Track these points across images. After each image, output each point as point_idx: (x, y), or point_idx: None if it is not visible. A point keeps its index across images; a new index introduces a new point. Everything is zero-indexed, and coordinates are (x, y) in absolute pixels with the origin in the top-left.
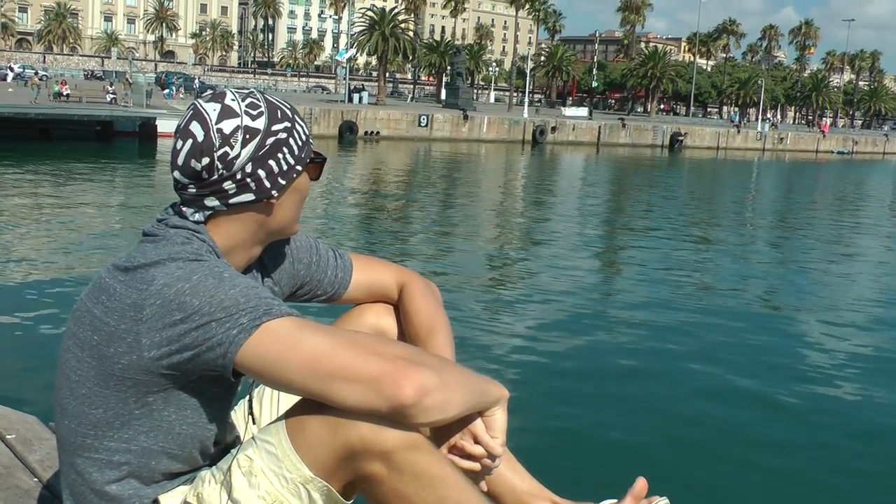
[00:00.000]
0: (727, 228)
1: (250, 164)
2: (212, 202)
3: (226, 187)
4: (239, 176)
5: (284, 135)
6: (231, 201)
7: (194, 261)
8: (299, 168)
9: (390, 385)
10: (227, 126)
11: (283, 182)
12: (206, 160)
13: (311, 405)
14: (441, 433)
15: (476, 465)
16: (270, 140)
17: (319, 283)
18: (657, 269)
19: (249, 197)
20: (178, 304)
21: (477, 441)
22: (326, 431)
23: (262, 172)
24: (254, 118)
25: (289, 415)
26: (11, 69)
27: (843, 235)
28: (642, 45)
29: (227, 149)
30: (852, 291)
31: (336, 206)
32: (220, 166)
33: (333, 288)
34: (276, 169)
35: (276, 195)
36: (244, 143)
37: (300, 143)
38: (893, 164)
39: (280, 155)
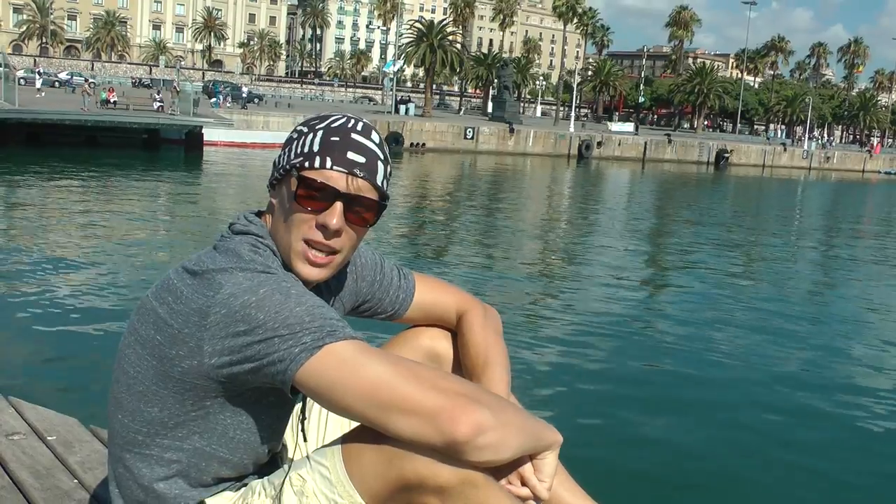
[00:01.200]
0: (771, 249)
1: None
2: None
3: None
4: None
5: (295, 135)
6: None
7: (263, 273)
8: (284, 168)
9: (447, 421)
10: None
11: (275, 175)
12: None
13: (367, 433)
14: (492, 472)
15: None
16: (287, 135)
17: (380, 301)
18: (701, 290)
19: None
20: (242, 316)
21: (524, 483)
22: (382, 462)
23: (275, 161)
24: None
25: (345, 440)
26: (40, 74)
27: (890, 258)
28: (690, 60)
29: None
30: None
31: (382, 219)
32: None
33: (394, 308)
34: (276, 162)
35: (270, 189)
36: None
37: (299, 150)
38: None
39: (283, 151)
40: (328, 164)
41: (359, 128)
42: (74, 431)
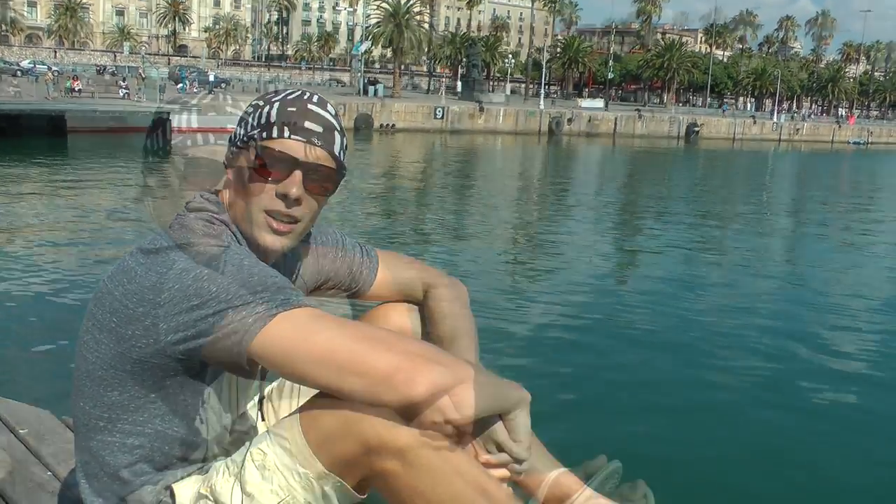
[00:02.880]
0: (742, 220)
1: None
2: None
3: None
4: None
5: (251, 109)
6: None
7: (215, 246)
8: (242, 141)
9: (402, 382)
10: None
11: (232, 150)
12: None
13: (325, 400)
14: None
15: (505, 473)
16: (244, 110)
17: (344, 278)
18: (672, 261)
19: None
20: (195, 290)
21: (500, 448)
22: (340, 427)
23: (230, 137)
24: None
25: (303, 409)
26: None
27: (859, 226)
28: (658, 36)
29: None
30: (869, 283)
31: (352, 199)
32: None
33: (357, 284)
34: (232, 137)
35: (225, 165)
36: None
37: (256, 123)
38: None
39: (239, 126)
40: (286, 133)
41: (314, 99)
42: (47, 423)
